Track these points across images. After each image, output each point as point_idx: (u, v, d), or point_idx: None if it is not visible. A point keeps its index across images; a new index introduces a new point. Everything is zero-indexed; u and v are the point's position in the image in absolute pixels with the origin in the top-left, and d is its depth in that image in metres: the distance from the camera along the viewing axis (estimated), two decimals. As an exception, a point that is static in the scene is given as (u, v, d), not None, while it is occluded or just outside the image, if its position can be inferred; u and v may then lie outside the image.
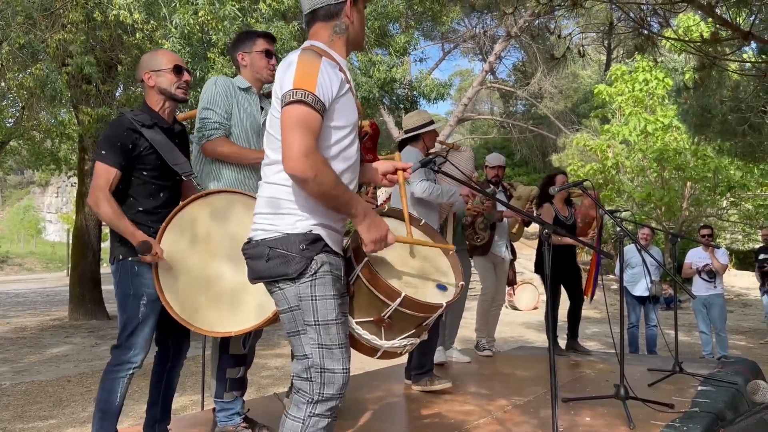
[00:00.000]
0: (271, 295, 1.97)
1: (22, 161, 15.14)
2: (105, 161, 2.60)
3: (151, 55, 2.83)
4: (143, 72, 2.75)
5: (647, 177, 14.37)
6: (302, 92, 1.81)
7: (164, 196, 2.76)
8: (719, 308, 7.61)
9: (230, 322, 2.58)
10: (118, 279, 2.68)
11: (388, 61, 11.14)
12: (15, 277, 23.93)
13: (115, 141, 2.61)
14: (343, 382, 1.89)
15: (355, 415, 3.40)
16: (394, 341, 2.10)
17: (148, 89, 2.76)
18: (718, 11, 5.05)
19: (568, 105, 26.68)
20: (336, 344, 1.89)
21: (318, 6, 1.99)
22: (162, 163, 2.71)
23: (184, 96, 2.79)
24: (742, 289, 17.68)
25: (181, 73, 2.76)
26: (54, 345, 9.19)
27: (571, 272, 5.65)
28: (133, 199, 2.69)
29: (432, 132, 4.20)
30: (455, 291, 2.20)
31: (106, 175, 2.59)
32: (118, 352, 2.66)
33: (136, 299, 2.65)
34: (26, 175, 36.26)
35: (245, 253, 1.97)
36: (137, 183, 2.69)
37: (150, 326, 2.68)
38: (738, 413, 3.69)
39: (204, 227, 2.64)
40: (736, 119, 7.15)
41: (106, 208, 2.57)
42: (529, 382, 4.33)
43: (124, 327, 2.65)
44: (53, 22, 7.82)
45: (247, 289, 2.51)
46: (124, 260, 2.65)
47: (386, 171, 2.22)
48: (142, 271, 2.64)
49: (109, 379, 2.63)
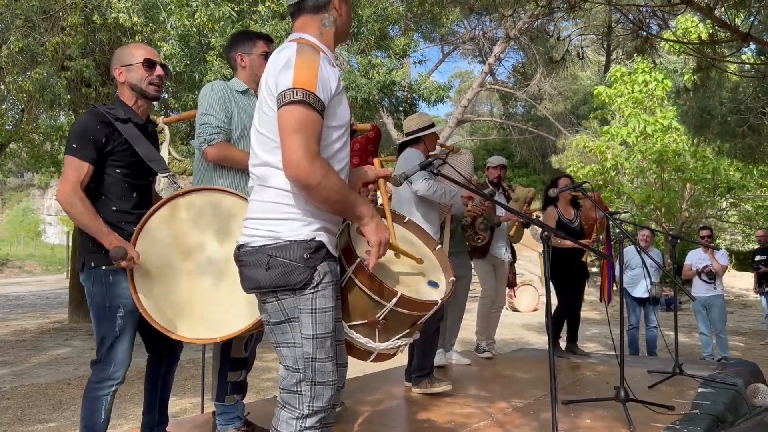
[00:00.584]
0: (262, 305, 1.88)
1: (22, 164, 15.14)
2: (76, 155, 2.42)
3: (122, 49, 2.66)
4: (115, 67, 2.61)
5: (647, 178, 14.38)
6: (304, 92, 1.72)
7: (137, 196, 2.61)
8: (719, 309, 7.62)
9: (215, 328, 2.45)
10: (91, 289, 2.51)
11: (388, 64, 11.14)
12: (15, 279, 23.90)
13: (87, 134, 2.44)
14: (331, 394, 1.85)
15: (355, 418, 3.40)
16: (389, 342, 2.06)
17: (119, 85, 2.62)
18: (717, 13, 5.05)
19: (567, 106, 26.69)
20: (328, 357, 1.84)
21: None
22: (136, 160, 2.56)
23: (155, 93, 2.64)
24: (742, 290, 17.67)
25: (153, 68, 2.60)
26: (54, 347, 9.18)
27: (575, 275, 5.65)
28: (106, 197, 2.52)
29: (432, 135, 4.21)
30: (447, 287, 2.17)
31: (78, 170, 2.41)
32: (98, 368, 2.51)
33: (111, 311, 2.49)
34: (26, 178, 36.26)
35: (240, 260, 1.87)
36: (110, 181, 2.52)
37: (129, 339, 2.53)
38: (738, 415, 3.68)
39: (183, 228, 2.48)
40: (735, 120, 7.15)
41: (79, 207, 2.39)
42: (529, 384, 4.32)
43: (102, 341, 2.50)
44: (52, 25, 7.83)
45: (232, 293, 2.39)
46: (96, 268, 2.49)
47: (369, 180, 2.11)
48: (118, 280, 2.48)
49: (92, 397, 2.50)
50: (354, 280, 1.96)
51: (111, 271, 2.47)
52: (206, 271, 2.48)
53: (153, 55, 2.65)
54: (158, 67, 2.64)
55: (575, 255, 5.59)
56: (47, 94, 7.71)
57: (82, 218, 2.41)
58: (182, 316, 2.47)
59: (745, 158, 8.94)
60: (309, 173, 1.71)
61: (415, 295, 2.01)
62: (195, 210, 2.51)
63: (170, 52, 7.91)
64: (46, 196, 35.83)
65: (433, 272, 2.24)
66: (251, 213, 1.88)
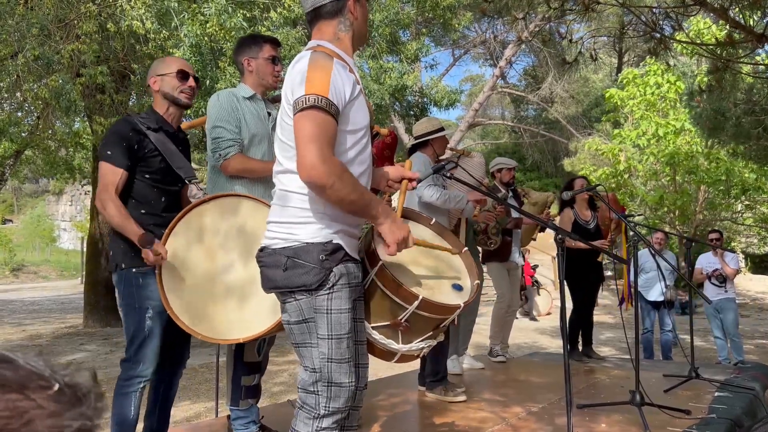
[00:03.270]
0: (283, 305, 1.93)
1: (37, 170, 15.31)
2: (111, 161, 2.56)
3: (160, 60, 2.84)
4: (150, 77, 2.76)
5: (660, 181, 14.27)
6: (315, 97, 1.76)
7: (166, 201, 2.73)
8: (731, 313, 7.53)
9: (239, 329, 2.53)
10: (122, 290, 2.64)
11: (399, 68, 11.16)
12: (30, 285, 24.14)
13: (121, 141, 2.58)
14: (349, 395, 1.87)
15: (369, 423, 3.40)
16: (412, 344, 2.08)
17: (154, 93, 2.77)
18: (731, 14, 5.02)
19: (579, 109, 26.57)
20: (346, 358, 1.86)
21: (320, 3, 1.93)
22: (166, 166, 2.68)
23: (187, 101, 2.78)
24: (758, 293, 17.47)
25: (186, 79, 2.74)
26: (69, 352, 9.26)
27: (590, 279, 5.62)
28: (135, 201, 2.65)
29: (441, 138, 4.21)
30: (471, 290, 2.17)
31: (113, 176, 2.55)
32: (127, 366, 2.62)
33: (140, 312, 2.60)
34: (41, 184, 36.65)
35: (260, 261, 1.93)
36: (140, 186, 2.65)
37: (157, 338, 2.64)
38: (756, 419, 3.64)
39: (211, 232, 2.59)
40: (750, 122, 7.09)
41: (113, 210, 2.52)
42: (544, 388, 4.30)
43: (131, 341, 2.62)
44: (67, 33, 7.92)
45: (255, 295, 2.46)
46: (127, 270, 2.61)
47: (393, 179, 2.15)
48: (147, 282, 2.59)
49: (122, 393, 2.60)
50: (376, 282, 1.99)
51: (141, 273, 2.59)
52: (232, 274, 2.56)
53: (187, 67, 2.80)
54: (191, 78, 2.77)
55: (590, 257, 5.56)
56: (63, 100, 7.80)
57: (117, 221, 2.53)
58: (208, 317, 2.55)
59: (760, 160, 8.86)
60: (322, 174, 1.73)
61: (437, 298, 2.01)
62: (221, 213, 2.60)
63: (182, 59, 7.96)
64: (60, 202, 36.18)
65: (458, 275, 2.24)
66: (272, 217, 1.94)
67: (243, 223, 2.59)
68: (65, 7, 7.75)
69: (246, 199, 2.61)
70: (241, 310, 2.55)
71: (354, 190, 1.79)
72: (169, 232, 2.56)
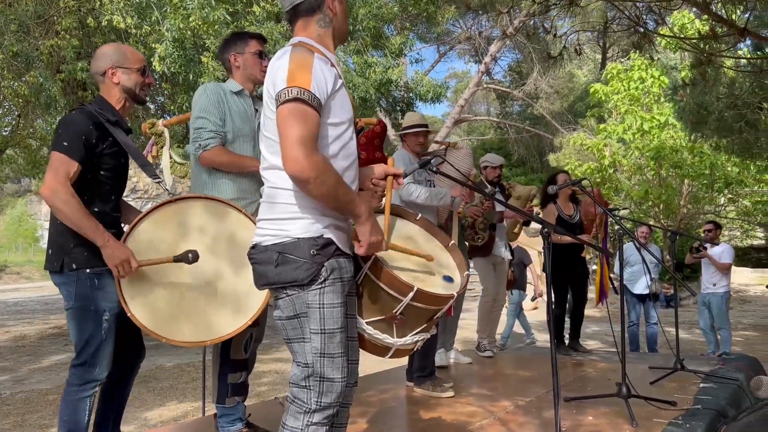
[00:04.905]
0: (275, 300, 1.92)
1: (19, 170, 15.09)
2: (67, 153, 2.36)
3: (115, 49, 2.62)
4: (107, 66, 2.56)
5: (645, 175, 14.39)
6: (298, 89, 1.76)
7: (115, 198, 2.59)
8: (716, 308, 7.56)
9: (205, 331, 2.47)
10: (76, 292, 2.43)
11: (384, 63, 11.13)
12: (13, 285, 23.86)
13: (80, 134, 2.40)
14: (340, 391, 1.87)
15: (358, 419, 3.38)
16: (406, 338, 2.08)
17: (109, 84, 2.58)
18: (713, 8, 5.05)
19: (564, 105, 26.71)
20: (338, 353, 1.86)
21: (298, 1, 1.95)
22: (121, 163, 2.56)
23: (145, 97, 2.71)
24: (741, 285, 17.67)
25: (146, 75, 2.64)
26: (53, 353, 9.16)
27: (577, 272, 5.64)
28: (87, 198, 2.45)
29: (412, 134, 4.17)
30: (462, 281, 2.19)
31: (67, 168, 2.35)
32: (81, 371, 2.45)
33: (97, 315, 2.44)
34: (23, 184, 36.19)
35: (251, 258, 1.92)
36: (93, 182, 2.47)
37: (113, 339, 2.49)
38: (740, 409, 3.68)
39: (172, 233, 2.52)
40: (732, 116, 7.16)
41: (73, 203, 2.31)
42: (531, 382, 4.31)
43: (86, 344, 2.44)
44: (47, 29, 7.81)
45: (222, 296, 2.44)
46: (79, 270, 2.42)
47: (378, 176, 2.12)
48: (104, 283, 2.44)
49: (75, 399, 2.44)
50: (370, 276, 1.99)
51: (96, 273, 2.43)
52: (197, 276, 2.50)
53: (145, 63, 2.70)
54: (149, 74, 2.68)
55: (575, 252, 5.58)
56: (43, 97, 7.69)
57: (75, 215, 2.33)
58: (171, 320, 2.48)
59: (742, 153, 8.95)
60: (305, 168, 1.73)
61: (430, 289, 2.02)
62: (184, 216, 2.55)
63: (165, 54, 7.89)
64: (43, 201, 35.77)
65: (448, 267, 2.26)
66: (262, 214, 1.93)
67: (209, 222, 2.56)
68: (44, 3, 7.64)
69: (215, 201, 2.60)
70: (208, 312, 2.49)
71: (337, 186, 1.79)
72: (128, 234, 2.45)
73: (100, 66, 2.59)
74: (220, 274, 2.56)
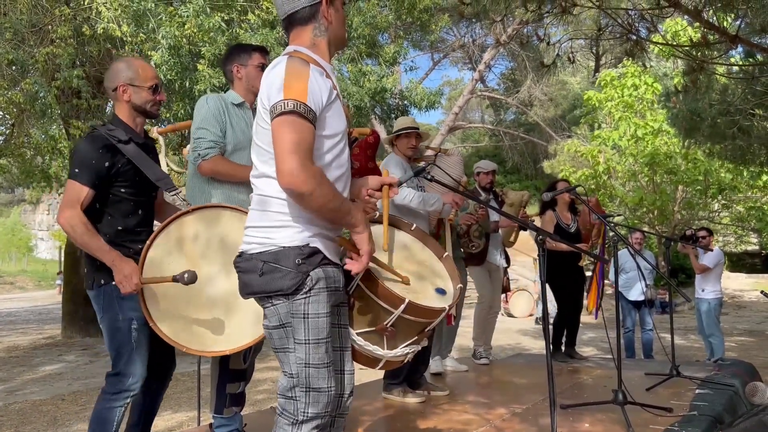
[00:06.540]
0: (263, 309, 1.91)
1: (13, 179, 15.02)
2: (77, 179, 2.47)
3: (127, 65, 2.65)
4: (118, 83, 2.60)
5: (639, 181, 14.44)
6: (294, 102, 1.75)
7: (142, 213, 2.66)
8: (705, 313, 7.55)
9: (225, 341, 2.51)
10: (104, 305, 2.56)
11: (378, 71, 11.17)
12: (7, 296, 23.72)
13: (89, 159, 2.48)
14: (328, 401, 1.85)
15: (352, 427, 3.37)
16: (396, 350, 2.07)
17: (121, 101, 2.63)
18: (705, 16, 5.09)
19: (558, 112, 26.82)
20: (324, 363, 1.84)
21: (293, 10, 1.93)
22: (140, 178, 2.60)
23: (158, 113, 2.74)
24: (735, 291, 17.73)
25: (158, 93, 2.67)
26: (47, 363, 9.10)
27: (573, 279, 5.64)
28: (112, 217, 2.56)
29: (403, 138, 4.16)
30: (454, 294, 2.17)
31: (78, 194, 2.46)
32: (115, 380, 2.53)
33: (126, 323, 2.53)
34: (17, 193, 36.08)
35: (237, 266, 1.91)
36: (115, 200, 2.56)
37: (145, 348, 2.57)
38: (736, 415, 3.68)
39: (191, 244, 2.54)
40: (725, 122, 7.19)
41: (80, 228, 2.43)
42: (527, 389, 4.31)
43: (119, 354, 2.54)
44: (42, 38, 7.81)
45: (240, 306, 2.44)
46: (106, 285, 2.52)
47: (373, 188, 2.09)
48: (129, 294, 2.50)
49: (106, 408, 2.50)
50: (362, 287, 1.98)
51: None
52: (216, 286, 2.53)
53: (159, 80, 2.72)
54: (161, 91, 2.71)
55: (572, 260, 5.59)
56: (38, 105, 7.68)
57: (81, 238, 2.45)
58: (192, 329, 2.52)
59: (735, 160, 8.99)
60: (301, 182, 1.73)
61: (422, 302, 2.01)
62: (202, 225, 2.57)
63: (160, 61, 7.90)
64: (37, 211, 35.64)
65: (441, 279, 2.24)
66: (250, 222, 1.92)
67: (224, 233, 2.57)
68: (39, 12, 7.64)
69: (227, 209, 2.60)
70: (226, 321, 2.53)
71: (334, 197, 1.80)
72: (149, 244, 2.51)
73: (112, 82, 2.63)
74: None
